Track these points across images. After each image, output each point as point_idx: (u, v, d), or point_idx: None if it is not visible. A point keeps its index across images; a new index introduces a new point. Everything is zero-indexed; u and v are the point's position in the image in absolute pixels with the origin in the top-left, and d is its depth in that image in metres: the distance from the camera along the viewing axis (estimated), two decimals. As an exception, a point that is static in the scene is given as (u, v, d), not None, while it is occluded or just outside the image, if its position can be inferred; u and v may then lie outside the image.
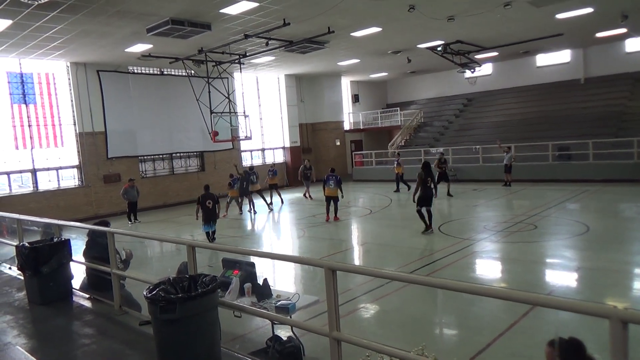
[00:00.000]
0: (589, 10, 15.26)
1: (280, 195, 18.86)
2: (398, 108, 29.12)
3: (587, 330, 5.49)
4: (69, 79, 17.96)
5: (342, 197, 14.19)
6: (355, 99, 30.11)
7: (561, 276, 8.09)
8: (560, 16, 15.80)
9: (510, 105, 25.75)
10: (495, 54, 22.53)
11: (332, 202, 13.91)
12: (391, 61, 22.66)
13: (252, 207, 16.88)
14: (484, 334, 5.69)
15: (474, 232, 11.33)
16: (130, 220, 16.29)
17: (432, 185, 11.41)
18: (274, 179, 18.94)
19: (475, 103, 27.80)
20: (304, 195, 19.73)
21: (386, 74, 27.83)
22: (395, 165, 20.03)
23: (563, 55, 24.78)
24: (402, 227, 13.63)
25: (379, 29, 15.75)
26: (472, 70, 22.28)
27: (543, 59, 25.46)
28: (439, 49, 19.36)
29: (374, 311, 6.94)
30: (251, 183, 16.78)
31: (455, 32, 17.06)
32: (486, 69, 26.20)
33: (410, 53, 20.70)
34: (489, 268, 9.10)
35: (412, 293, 7.02)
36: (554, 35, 18.67)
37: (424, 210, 11.29)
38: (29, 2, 10.05)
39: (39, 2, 10.04)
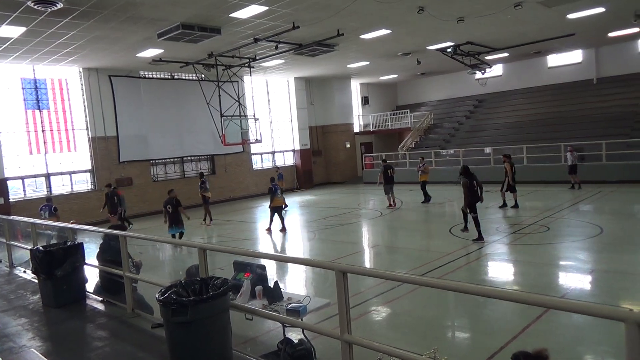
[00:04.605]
0: (601, 10, 15.10)
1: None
2: (408, 110, 29.02)
3: (602, 333, 5.45)
4: (82, 84, 18.18)
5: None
6: (365, 101, 30.07)
7: (575, 279, 7.99)
8: (571, 16, 15.66)
9: (522, 106, 25.53)
10: (505, 54, 22.37)
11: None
12: (401, 63, 22.61)
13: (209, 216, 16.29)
14: (497, 337, 5.65)
15: (485, 234, 11.22)
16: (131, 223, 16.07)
17: (478, 189, 10.68)
18: (280, 183, 18.32)
19: (486, 104, 27.62)
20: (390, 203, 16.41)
21: (396, 75, 27.78)
22: (419, 172, 17.18)
23: (575, 56, 24.53)
24: (413, 229, 13.58)
25: (389, 31, 15.72)
26: (483, 71, 22.15)
27: (554, 60, 25.22)
28: (449, 50, 19.29)
29: (385, 314, 6.92)
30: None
31: (465, 33, 16.98)
32: (497, 70, 26.00)
33: (420, 55, 20.64)
34: (501, 270, 9.02)
35: (424, 296, 6.98)
36: (566, 36, 18.51)
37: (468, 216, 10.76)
38: (42, 9, 10.23)
39: (52, 8, 10.22)
